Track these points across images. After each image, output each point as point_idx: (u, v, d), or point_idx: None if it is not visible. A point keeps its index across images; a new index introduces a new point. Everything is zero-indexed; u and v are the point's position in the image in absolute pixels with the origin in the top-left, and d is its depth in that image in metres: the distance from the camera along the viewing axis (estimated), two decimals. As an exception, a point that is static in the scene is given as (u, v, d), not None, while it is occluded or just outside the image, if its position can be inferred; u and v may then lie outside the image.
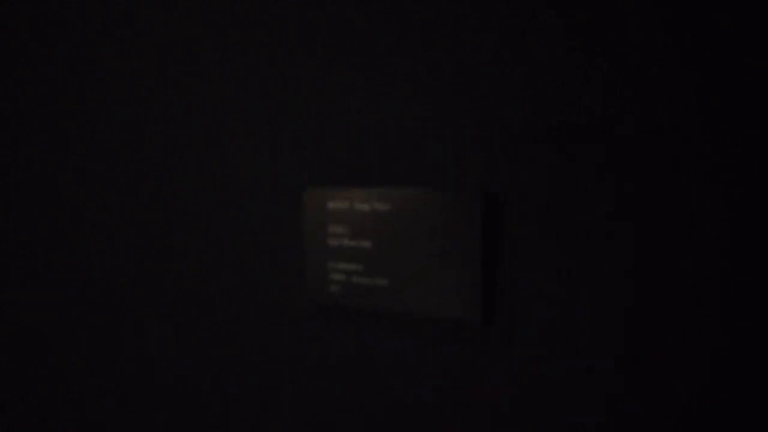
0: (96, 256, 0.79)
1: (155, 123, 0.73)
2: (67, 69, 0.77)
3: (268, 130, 0.66)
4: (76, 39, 0.75)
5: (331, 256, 0.62)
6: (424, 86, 0.56)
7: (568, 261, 0.51)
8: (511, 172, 0.53)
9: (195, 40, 0.68)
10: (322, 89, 0.62)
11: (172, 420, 0.76)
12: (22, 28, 0.79)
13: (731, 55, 0.34)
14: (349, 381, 0.64)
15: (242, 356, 0.71)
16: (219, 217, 0.71)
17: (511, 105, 0.52)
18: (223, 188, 0.70)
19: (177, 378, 0.76)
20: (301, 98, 0.63)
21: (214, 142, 0.69)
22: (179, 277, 0.75)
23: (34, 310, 0.86)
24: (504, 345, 0.55)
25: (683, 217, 0.45)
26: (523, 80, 0.51)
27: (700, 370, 0.43)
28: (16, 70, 0.80)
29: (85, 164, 0.79)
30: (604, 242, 0.49)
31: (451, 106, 0.55)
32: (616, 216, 0.48)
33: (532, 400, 0.54)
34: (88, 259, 0.80)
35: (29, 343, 0.87)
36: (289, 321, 0.67)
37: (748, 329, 0.38)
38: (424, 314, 0.57)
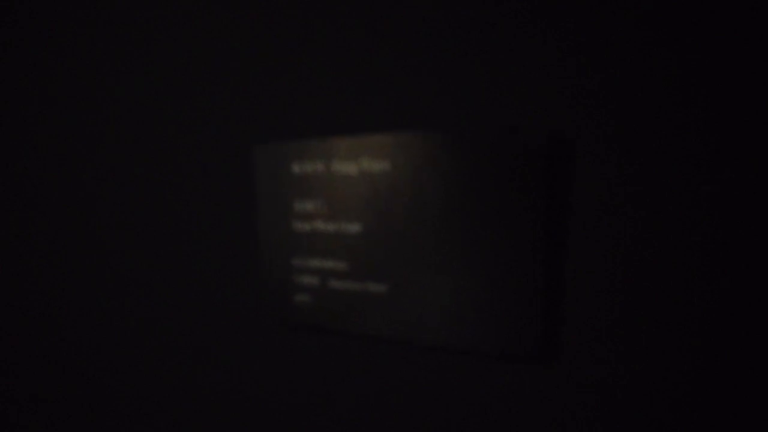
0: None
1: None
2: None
3: (207, 65, 0.43)
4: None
5: (297, 248, 0.39)
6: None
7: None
8: (581, 103, 0.31)
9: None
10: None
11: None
12: None
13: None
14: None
15: (165, 391, 0.49)
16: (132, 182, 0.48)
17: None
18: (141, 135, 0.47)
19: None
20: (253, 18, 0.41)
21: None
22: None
23: None
24: (572, 391, 0.32)
25: None
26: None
27: None
28: None
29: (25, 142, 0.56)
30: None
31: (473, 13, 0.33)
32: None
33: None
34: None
35: None
36: (236, 347, 0.45)
37: None
38: (444, 343, 0.35)
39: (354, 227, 0.37)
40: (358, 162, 0.37)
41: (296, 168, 0.39)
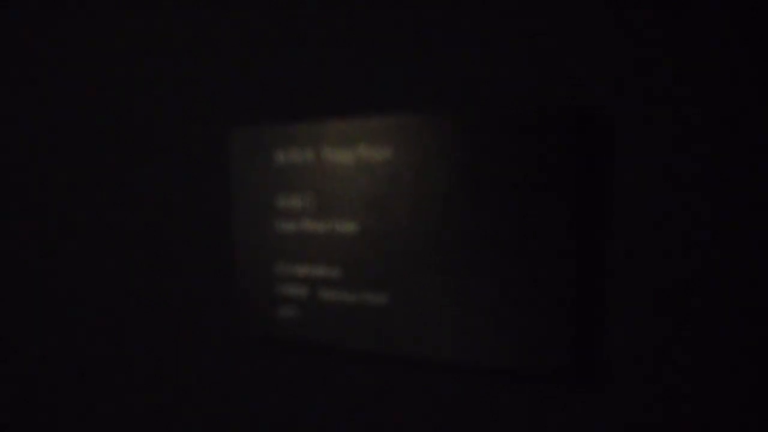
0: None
1: None
2: None
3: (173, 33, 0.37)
4: None
5: (281, 253, 0.34)
6: None
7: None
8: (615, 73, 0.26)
9: None
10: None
11: None
12: None
13: None
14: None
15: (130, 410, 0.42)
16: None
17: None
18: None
19: None
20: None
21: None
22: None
23: None
24: (609, 415, 0.27)
25: None
26: None
27: None
28: None
29: None
30: None
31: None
32: None
33: None
34: None
35: None
36: (209, 369, 0.39)
37: None
38: (456, 361, 0.29)
39: (349, 227, 0.32)
40: (355, 149, 0.31)
41: (280, 156, 0.33)
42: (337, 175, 0.32)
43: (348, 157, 0.31)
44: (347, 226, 0.32)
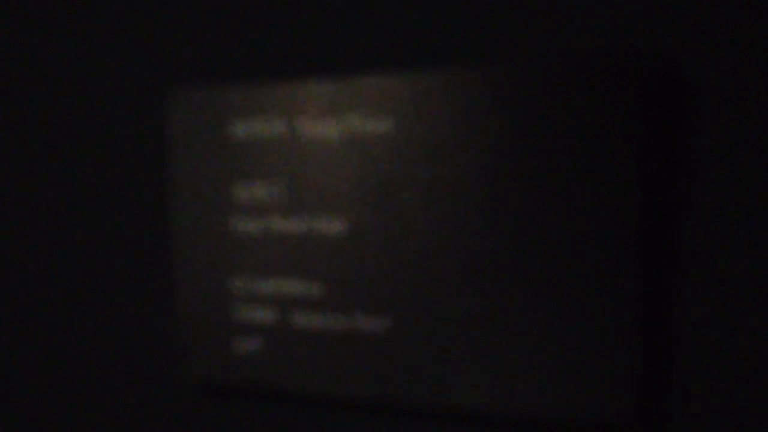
0: None
1: None
2: None
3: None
4: None
5: (240, 262, 0.27)
6: None
7: None
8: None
9: None
10: None
11: None
12: None
13: None
14: None
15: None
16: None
17: None
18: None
19: None
20: None
21: None
22: None
23: None
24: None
25: None
26: None
27: None
28: None
29: None
30: None
31: None
32: None
33: None
34: None
35: None
36: (141, 423, 0.29)
37: None
38: (482, 410, 0.23)
39: (335, 226, 0.25)
40: (343, 119, 0.24)
41: (239, 129, 0.25)
42: (319, 155, 0.25)
43: (333, 131, 0.24)
44: (332, 225, 0.25)
